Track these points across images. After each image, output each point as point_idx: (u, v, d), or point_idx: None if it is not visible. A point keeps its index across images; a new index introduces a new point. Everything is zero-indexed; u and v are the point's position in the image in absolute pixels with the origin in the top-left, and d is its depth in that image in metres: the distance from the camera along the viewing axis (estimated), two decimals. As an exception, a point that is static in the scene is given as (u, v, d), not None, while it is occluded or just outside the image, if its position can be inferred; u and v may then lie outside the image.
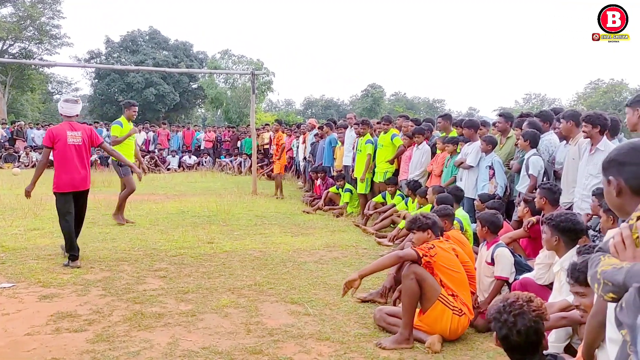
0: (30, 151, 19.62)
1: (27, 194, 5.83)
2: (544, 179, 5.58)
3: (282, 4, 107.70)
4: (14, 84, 35.58)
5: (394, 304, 4.35)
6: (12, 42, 35.62)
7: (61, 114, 5.90)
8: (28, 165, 18.67)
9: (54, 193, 5.67)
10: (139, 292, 4.69)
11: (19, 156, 19.51)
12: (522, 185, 5.85)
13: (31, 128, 22.07)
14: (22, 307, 4.25)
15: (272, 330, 3.87)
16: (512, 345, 2.24)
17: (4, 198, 10.09)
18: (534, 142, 5.87)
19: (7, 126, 22.28)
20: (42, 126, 22.18)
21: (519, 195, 5.85)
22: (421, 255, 3.74)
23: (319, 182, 11.25)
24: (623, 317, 1.35)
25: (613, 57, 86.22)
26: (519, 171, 6.08)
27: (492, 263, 4.19)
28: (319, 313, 4.27)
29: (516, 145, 6.55)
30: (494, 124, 7.83)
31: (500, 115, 7.21)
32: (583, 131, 4.84)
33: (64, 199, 5.65)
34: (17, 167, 17.99)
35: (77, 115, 5.99)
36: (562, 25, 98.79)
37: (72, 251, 5.56)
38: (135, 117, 8.42)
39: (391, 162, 8.80)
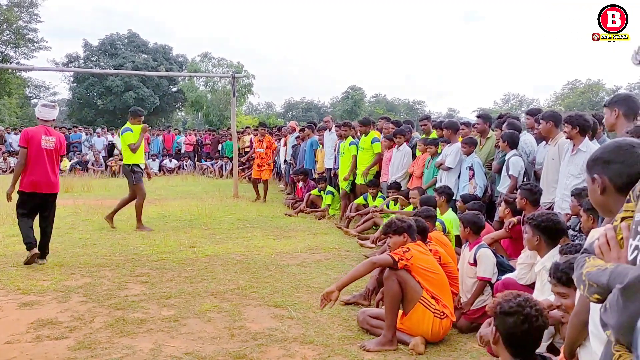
0: (8, 156, 19.28)
1: (8, 196, 5.87)
2: (525, 180, 5.65)
3: (261, 7, 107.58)
4: (-11, 88, 34.87)
5: (377, 306, 4.39)
6: (-12, 46, 34.94)
7: (38, 118, 6.02)
8: (6, 170, 18.33)
9: (17, 192, 5.80)
10: (121, 298, 4.65)
11: (-4, 162, 19.16)
12: (503, 186, 5.90)
13: (9, 133, 21.67)
14: (1, 315, 4.18)
15: (255, 334, 3.87)
16: (520, 341, 2.21)
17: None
18: (512, 143, 5.94)
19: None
20: (20, 131, 21.79)
21: (501, 196, 5.93)
22: (397, 260, 3.75)
23: (300, 184, 11.28)
24: (607, 319, 1.36)
25: (592, 58, 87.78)
26: (499, 172, 6.15)
27: (475, 264, 4.22)
28: (303, 316, 4.29)
29: (496, 146, 6.65)
30: (473, 125, 7.94)
31: (478, 117, 7.31)
32: (564, 132, 4.93)
33: (25, 198, 5.80)
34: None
35: (53, 120, 6.13)
36: (541, 25, 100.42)
37: (27, 240, 5.70)
38: (140, 123, 8.54)
39: (366, 171, 8.79)
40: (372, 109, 55.00)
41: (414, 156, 8.11)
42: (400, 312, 3.84)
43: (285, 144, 14.15)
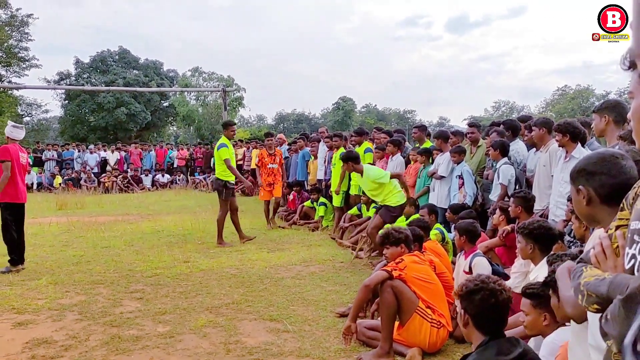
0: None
1: None
2: (516, 187, 5.70)
3: (249, 20, 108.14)
4: (-19, 106, 34.72)
5: (372, 317, 4.39)
6: (-21, 65, 34.86)
7: (9, 137, 6.63)
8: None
9: (7, 204, 6.36)
10: (116, 315, 4.63)
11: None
12: (495, 194, 5.95)
13: None
14: (-5, 336, 4.17)
15: (251, 349, 3.86)
16: (490, 317, 2.27)
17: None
18: (503, 151, 5.99)
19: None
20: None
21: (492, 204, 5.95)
22: (390, 271, 3.77)
23: (291, 196, 11.30)
24: (609, 329, 1.35)
25: (584, 62, 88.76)
26: (493, 180, 6.20)
27: (470, 272, 4.22)
28: (299, 329, 4.28)
29: (487, 154, 6.70)
30: (466, 134, 8.01)
31: (471, 125, 7.38)
32: (556, 140, 4.98)
33: (14, 209, 6.41)
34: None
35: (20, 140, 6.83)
36: (533, 30, 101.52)
37: (14, 255, 6.34)
38: (234, 136, 8.66)
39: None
40: (363, 119, 55.20)
41: (407, 166, 8.16)
42: (397, 323, 3.85)
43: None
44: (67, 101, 39.89)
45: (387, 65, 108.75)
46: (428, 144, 7.95)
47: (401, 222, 6.74)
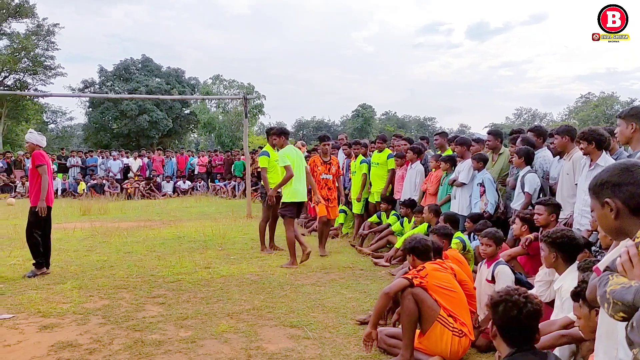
0: (27, 181, 19.63)
1: (43, 210, 6.39)
2: (540, 196, 5.62)
3: (270, 29, 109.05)
4: (9, 114, 35.61)
5: (393, 325, 4.38)
6: (7, 74, 35.78)
7: (37, 144, 6.71)
8: (24, 194, 18.65)
9: (34, 207, 6.45)
10: (139, 320, 4.69)
11: (15, 186, 19.50)
12: (517, 203, 5.87)
13: (28, 158, 22.09)
14: (22, 338, 4.24)
15: (272, 355, 3.87)
16: (515, 329, 2.25)
17: (1, 228, 10.07)
18: (528, 159, 5.91)
19: (2, 157, 22.27)
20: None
21: (514, 213, 5.87)
22: (411, 278, 3.76)
23: (312, 203, 11.30)
24: (634, 337, 1.34)
25: (605, 68, 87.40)
26: (514, 188, 6.12)
27: (493, 281, 4.19)
28: (319, 336, 4.29)
29: (510, 162, 6.63)
30: (484, 142, 7.94)
31: (489, 133, 7.32)
32: (580, 148, 4.91)
33: (46, 213, 6.50)
34: (13, 197, 17.96)
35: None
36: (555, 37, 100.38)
37: (39, 258, 6.44)
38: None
39: (384, 192, 8.84)
40: (383, 127, 55.15)
41: (427, 174, 8.12)
42: (418, 331, 3.83)
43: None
44: (91, 109, 40.77)
45: (407, 72, 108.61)
46: (450, 151, 7.91)
47: (421, 230, 6.72)
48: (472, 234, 6.23)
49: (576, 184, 5.05)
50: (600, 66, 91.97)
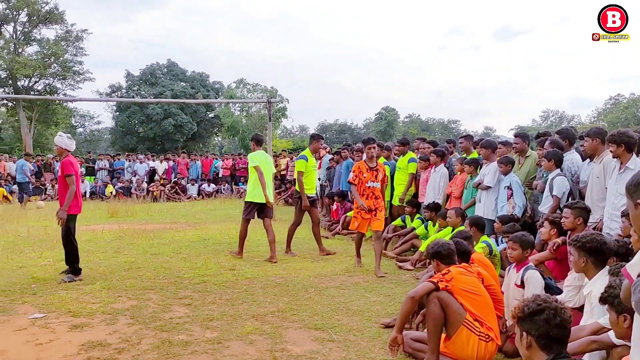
0: (56, 184, 20.09)
1: (62, 220, 6.34)
2: (569, 199, 5.52)
3: (292, 31, 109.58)
4: (39, 118, 36.63)
5: (417, 329, 4.35)
6: (38, 79, 36.80)
7: (65, 149, 6.66)
8: (54, 197, 19.10)
9: (70, 215, 6.41)
10: (166, 320, 4.77)
11: (45, 189, 19.97)
12: (545, 206, 5.78)
13: (57, 161, 22.63)
14: (54, 337, 4.34)
15: (297, 357, 3.89)
16: (554, 337, 2.21)
17: (32, 230, 10.33)
18: (558, 162, 5.81)
19: (33, 160, 22.87)
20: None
21: (542, 216, 5.78)
22: (437, 282, 3.73)
23: (334, 206, 11.32)
24: None
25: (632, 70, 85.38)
26: (543, 191, 6.00)
27: (522, 285, 4.13)
28: (343, 339, 4.29)
29: (538, 164, 6.53)
30: (511, 145, 7.84)
31: (516, 136, 7.22)
32: (610, 151, 4.83)
33: (74, 220, 6.52)
34: (43, 199, 18.40)
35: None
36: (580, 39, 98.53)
37: (77, 264, 6.43)
38: (320, 148, 8.48)
39: (403, 196, 8.81)
40: (406, 129, 54.86)
41: (451, 177, 8.06)
42: (443, 335, 3.80)
43: (319, 167, 14.28)
44: (118, 113, 41.60)
45: (431, 74, 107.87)
46: (475, 154, 7.83)
47: (446, 234, 6.67)
48: (499, 238, 6.17)
49: (606, 188, 4.96)
50: (631, 67, 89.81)
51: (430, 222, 7.83)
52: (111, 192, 19.69)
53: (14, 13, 35.24)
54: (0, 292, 5.77)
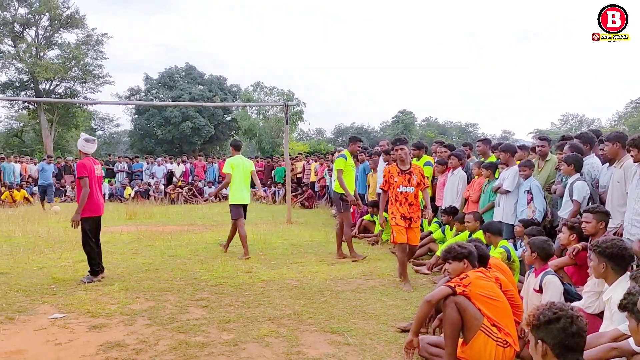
0: (76, 186, 20.39)
1: (75, 224, 6.38)
2: (589, 204, 5.44)
3: (307, 34, 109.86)
4: (60, 121, 37.26)
5: (434, 333, 4.32)
6: (59, 83, 37.47)
7: (82, 152, 6.70)
8: (74, 198, 19.38)
9: (85, 218, 6.43)
10: (183, 322, 4.80)
11: (65, 190, 20.28)
12: (565, 211, 5.70)
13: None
14: (73, 337, 4.41)
15: (313, 360, 3.90)
16: (571, 346, 2.19)
17: (52, 231, 10.50)
18: (578, 166, 5.73)
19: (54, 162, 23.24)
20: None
21: (562, 221, 5.70)
22: (454, 287, 3.70)
23: (351, 209, 11.28)
24: None
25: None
26: (562, 195, 5.93)
27: (541, 291, 4.08)
28: (360, 343, 4.28)
29: (557, 169, 6.46)
30: (533, 149, 7.76)
31: (542, 139, 7.12)
32: (631, 155, 4.75)
33: (92, 222, 6.52)
34: (63, 201, 18.68)
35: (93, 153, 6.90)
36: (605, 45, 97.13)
37: (95, 266, 6.47)
38: (359, 151, 8.66)
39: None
40: (423, 133, 54.59)
41: (469, 181, 8.00)
42: (461, 340, 3.76)
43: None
44: (136, 115, 42.12)
45: (448, 77, 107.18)
46: (493, 158, 7.76)
47: (463, 238, 6.61)
48: (518, 242, 6.10)
49: (627, 193, 4.87)
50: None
51: (447, 226, 7.77)
52: (130, 194, 19.92)
53: (36, 17, 35.94)
54: (21, 292, 5.89)
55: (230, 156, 8.81)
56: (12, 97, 35.86)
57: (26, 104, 37.53)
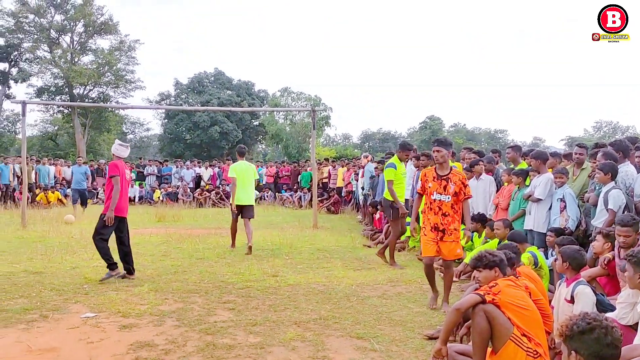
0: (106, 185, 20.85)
1: (110, 220, 6.61)
2: (624, 213, 5.30)
3: (336, 39, 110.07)
4: (92, 125, 38.28)
5: (461, 341, 4.26)
6: (92, 87, 38.51)
7: (115, 155, 6.97)
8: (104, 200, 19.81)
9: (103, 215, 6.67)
10: (210, 324, 4.86)
11: (97, 192, 20.76)
12: (599, 220, 5.56)
13: (109, 166, 23.51)
14: (104, 336, 4.50)
15: (339, 365, 3.89)
16: (604, 356, 2.15)
17: (85, 232, 10.75)
18: (614, 175, 5.57)
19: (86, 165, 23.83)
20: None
21: (595, 230, 5.56)
22: (483, 295, 3.63)
23: (377, 215, 11.25)
24: None
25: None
26: (596, 204, 5.77)
27: (572, 301, 3.99)
28: (386, 349, 4.25)
29: (590, 176, 6.32)
30: (565, 156, 7.61)
31: (580, 146, 6.97)
32: None
33: (117, 221, 6.71)
34: (95, 203, 19.10)
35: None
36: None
37: (109, 260, 6.65)
38: (408, 159, 8.78)
39: None
40: (452, 139, 53.96)
41: (498, 188, 7.88)
42: (489, 350, 3.70)
43: (362, 175, 14.25)
44: (166, 120, 42.86)
45: (476, 82, 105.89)
46: (523, 165, 7.62)
47: (492, 246, 6.51)
48: (549, 251, 5.97)
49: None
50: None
51: (475, 233, 7.66)
52: (159, 197, 20.27)
53: (71, 24, 37.05)
54: (54, 291, 6.05)
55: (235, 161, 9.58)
56: (47, 101, 37.00)
57: (60, 108, 38.75)
